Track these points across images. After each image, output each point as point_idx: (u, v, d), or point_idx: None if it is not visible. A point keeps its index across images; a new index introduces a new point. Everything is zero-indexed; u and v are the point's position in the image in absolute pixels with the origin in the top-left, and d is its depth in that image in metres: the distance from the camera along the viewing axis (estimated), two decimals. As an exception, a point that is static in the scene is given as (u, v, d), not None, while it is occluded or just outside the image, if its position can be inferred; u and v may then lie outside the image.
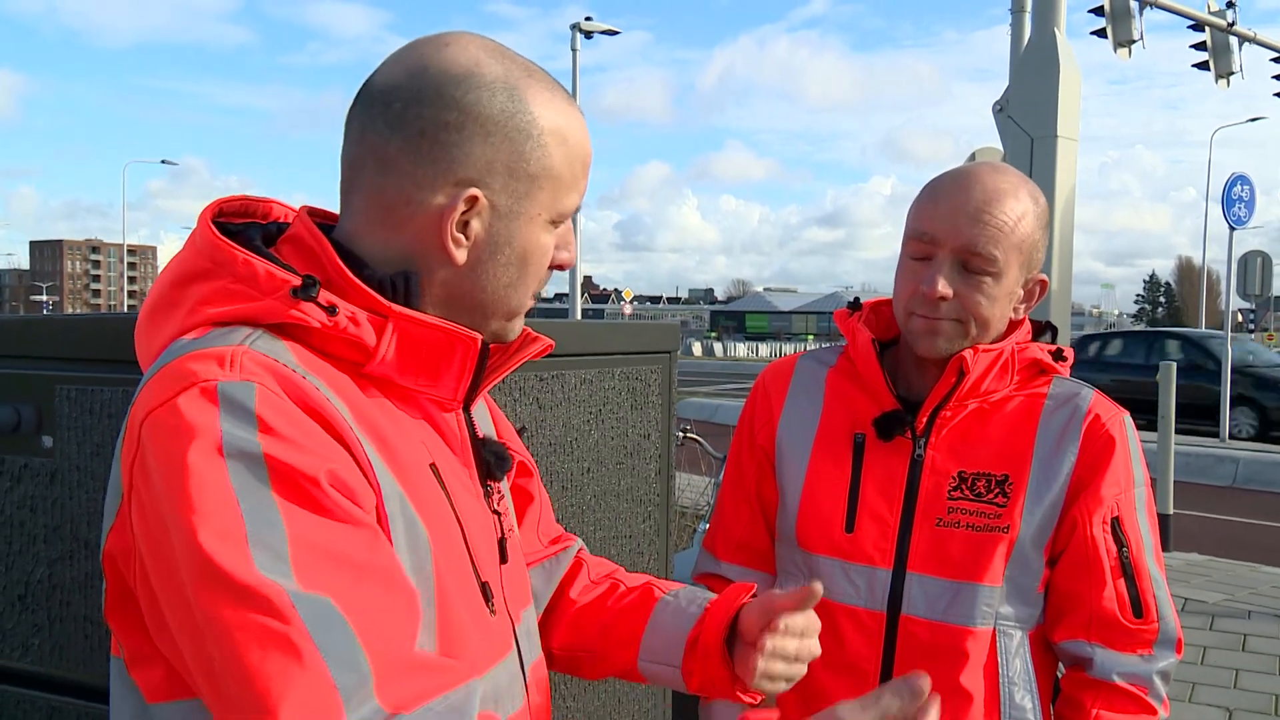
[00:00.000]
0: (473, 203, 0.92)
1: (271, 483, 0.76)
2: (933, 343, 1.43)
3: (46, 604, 1.44)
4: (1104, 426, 1.44)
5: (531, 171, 0.94)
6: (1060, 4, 8.21)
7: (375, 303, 0.89)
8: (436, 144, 0.90)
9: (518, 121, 0.92)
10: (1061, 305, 7.92)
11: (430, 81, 0.91)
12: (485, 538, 0.99)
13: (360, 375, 0.90)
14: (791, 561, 1.55)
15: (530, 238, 0.96)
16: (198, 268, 0.89)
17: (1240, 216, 14.03)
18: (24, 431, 1.44)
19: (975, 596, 1.41)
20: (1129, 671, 1.40)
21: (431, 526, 0.88)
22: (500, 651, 0.96)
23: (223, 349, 0.81)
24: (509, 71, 0.93)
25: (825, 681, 1.47)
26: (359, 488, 0.81)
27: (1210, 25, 12.36)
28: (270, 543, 0.73)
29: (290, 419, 0.79)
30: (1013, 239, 1.40)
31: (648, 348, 2.10)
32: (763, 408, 1.62)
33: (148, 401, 0.80)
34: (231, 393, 0.78)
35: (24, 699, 1.47)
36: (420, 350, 0.91)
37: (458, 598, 0.90)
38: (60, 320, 1.48)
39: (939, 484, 1.44)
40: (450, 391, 0.94)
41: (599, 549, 1.98)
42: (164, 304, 0.91)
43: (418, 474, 0.90)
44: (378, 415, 0.89)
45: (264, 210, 1.01)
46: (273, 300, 0.86)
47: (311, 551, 0.74)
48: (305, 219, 0.94)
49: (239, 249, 0.88)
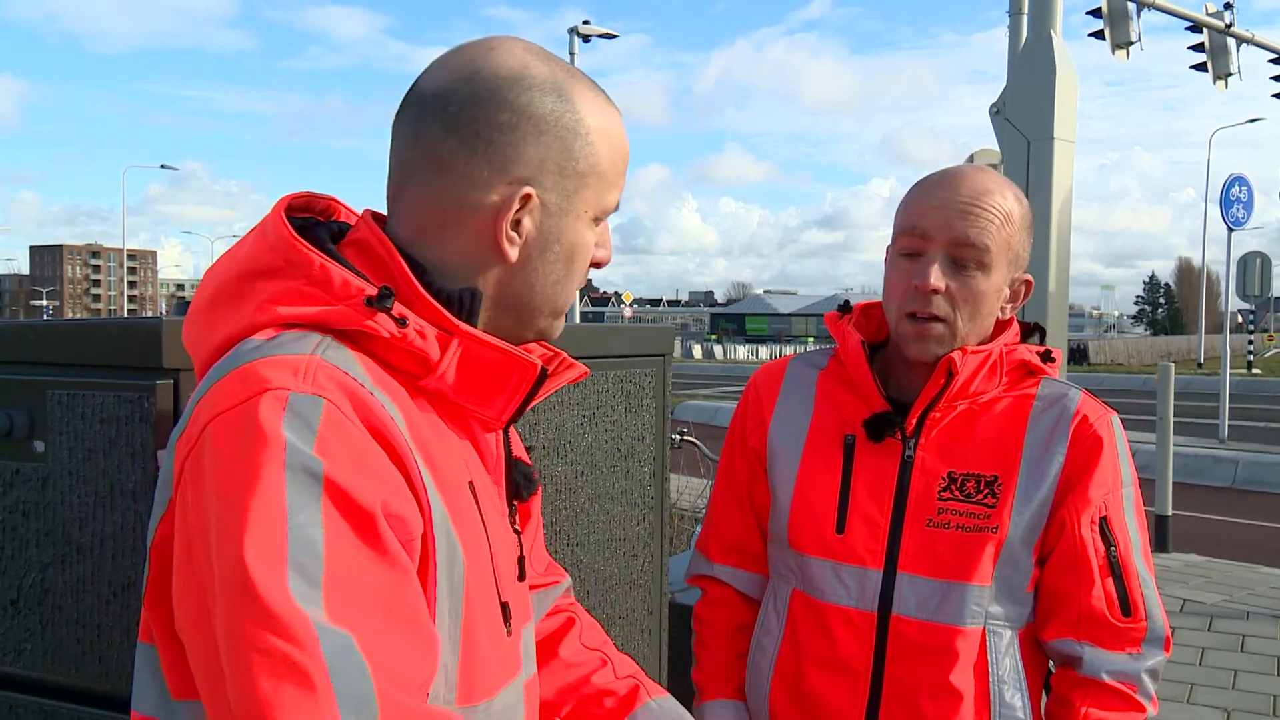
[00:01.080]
0: (526, 201, 0.94)
1: (324, 504, 0.76)
2: (923, 347, 1.44)
3: (39, 609, 1.44)
4: (1092, 427, 1.45)
5: (580, 169, 0.96)
6: (1057, 6, 8.21)
7: (444, 319, 0.90)
8: (492, 144, 0.92)
9: (567, 120, 0.95)
10: (1059, 307, 7.92)
11: (483, 84, 0.93)
12: (508, 557, 0.99)
13: (415, 389, 0.91)
14: (783, 563, 1.56)
15: (577, 235, 0.98)
16: (270, 264, 0.90)
17: (1239, 217, 14.05)
18: (16, 436, 1.44)
19: (965, 596, 1.41)
20: (1117, 670, 1.41)
21: (466, 545, 0.89)
22: (511, 672, 0.97)
23: (297, 357, 0.82)
24: (555, 72, 0.96)
25: (817, 681, 1.48)
26: (409, 515, 0.81)
27: (1208, 26, 12.36)
28: (308, 568, 0.73)
29: (351, 442, 0.79)
30: (1001, 234, 1.41)
31: (642, 350, 2.10)
32: (754, 410, 1.63)
33: (217, 402, 0.80)
34: (301, 406, 0.78)
35: (17, 704, 1.47)
36: (480, 370, 0.92)
37: (482, 618, 0.90)
38: (52, 325, 1.49)
39: (929, 485, 1.45)
40: (498, 413, 0.96)
41: (594, 552, 1.98)
42: (230, 294, 0.91)
43: (458, 492, 0.91)
44: (428, 431, 0.90)
45: (322, 206, 1.02)
46: (346, 308, 0.86)
47: (345, 583, 0.74)
48: (372, 225, 0.95)
49: (315, 252, 0.89)
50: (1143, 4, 10.77)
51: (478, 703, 0.90)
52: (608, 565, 2.02)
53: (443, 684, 0.86)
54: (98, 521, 1.40)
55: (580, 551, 1.95)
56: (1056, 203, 7.75)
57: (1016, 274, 1.48)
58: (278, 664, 0.71)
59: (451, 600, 0.86)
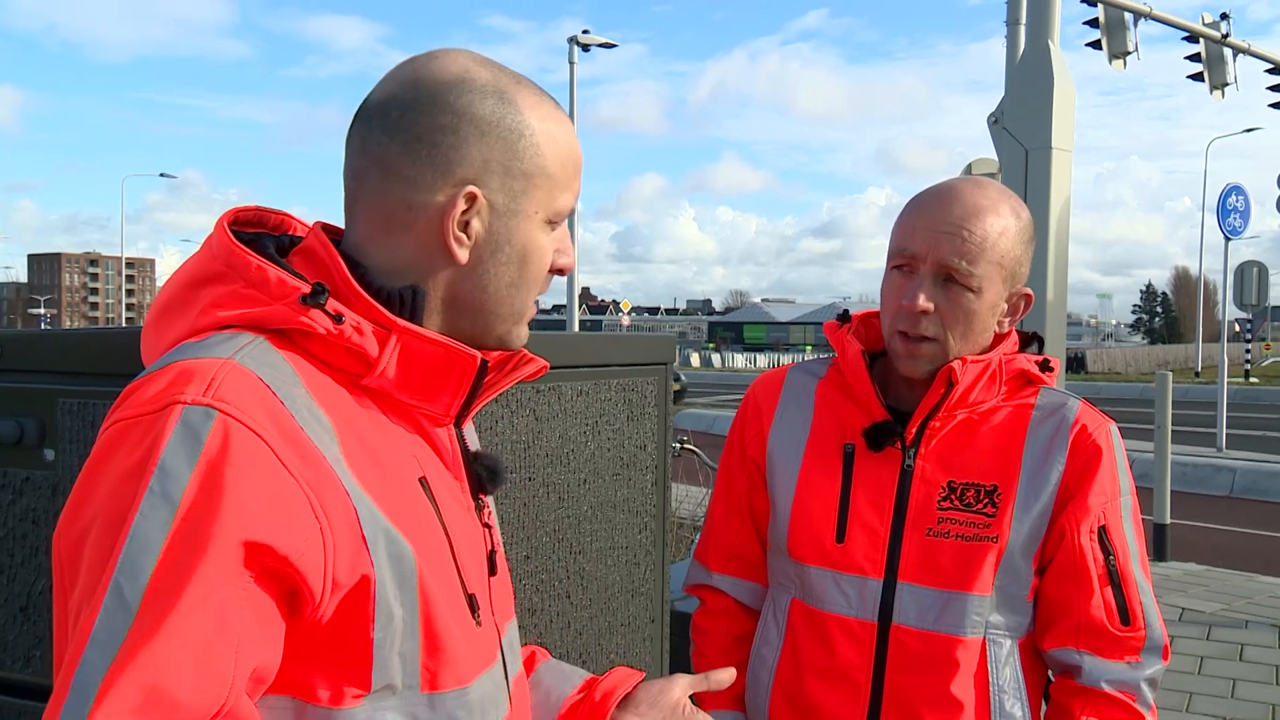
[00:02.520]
0: (472, 200, 0.95)
1: (172, 530, 0.75)
2: (913, 365, 1.45)
3: (48, 616, 1.45)
4: (1091, 436, 1.46)
5: (526, 169, 0.97)
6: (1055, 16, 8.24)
7: (380, 315, 0.92)
8: (434, 146, 0.94)
9: (509, 122, 0.96)
10: (1057, 316, 7.94)
11: (424, 89, 0.95)
12: (474, 550, 1.01)
13: (357, 387, 0.93)
14: (782, 572, 1.56)
15: (529, 236, 0.99)
16: (212, 270, 0.92)
17: (1236, 227, 14.08)
18: (26, 444, 1.46)
19: (965, 606, 1.42)
20: (1116, 678, 1.42)
21: (416, 540, 0.89)
22: (486, 661, 0.98)
23: (211, 361, 0.83)
24: (497, 77, 0.98)
25: (817, 691, 1.48)
26: (292, 532, 0.80)
27: (1205, 37, 12.41)
28: (126, 592, 0.74)
29: (238, 461, 0.78)
30: (992, 254, 1.41)
31: (644, 359, 2.11)
32: (753, 419, 1.64)
33: (120, 405, 0.83)
34: (192, 419, 0.78)
35: (25, 710, 1.48)
36: (420, 365, 0.93)
37: (445, 608, 0.92)
38: (62, 334, 1.50)
39: (929, 494, 1.46)
40: (444, 408, 0.97)
41: (596, 560, 2.00)
42: (175, 304, 0.93)
43: (404, 488, 0.92)
44: (370, 429, 0.91)
45: (275, 222, 1.04)
46: (281, 306, 0.88)
47: (161, 613, 0.74)
48: (319, 232, 0.97)
49: (252, 255, 0.91)
50: (1140, 14, 10.82)
51: (449, 689, 0.92)
52: (610, 573, 2.03)
53: (400, 671, 0.88)
54: (107, 529, 1.41)
55: (583, 559, 1.96)
56: (1054, 212, 7.77)
57: (1015, 288, 1.48)
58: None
59: (402, 592, 0.87)
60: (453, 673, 0.92)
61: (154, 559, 0.74)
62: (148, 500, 0.75)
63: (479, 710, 0.96)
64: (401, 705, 0.89)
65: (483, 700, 0.97)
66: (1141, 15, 10.83)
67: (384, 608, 0.86)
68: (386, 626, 0.86)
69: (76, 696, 0.72)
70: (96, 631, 0.73)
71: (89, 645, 0.73)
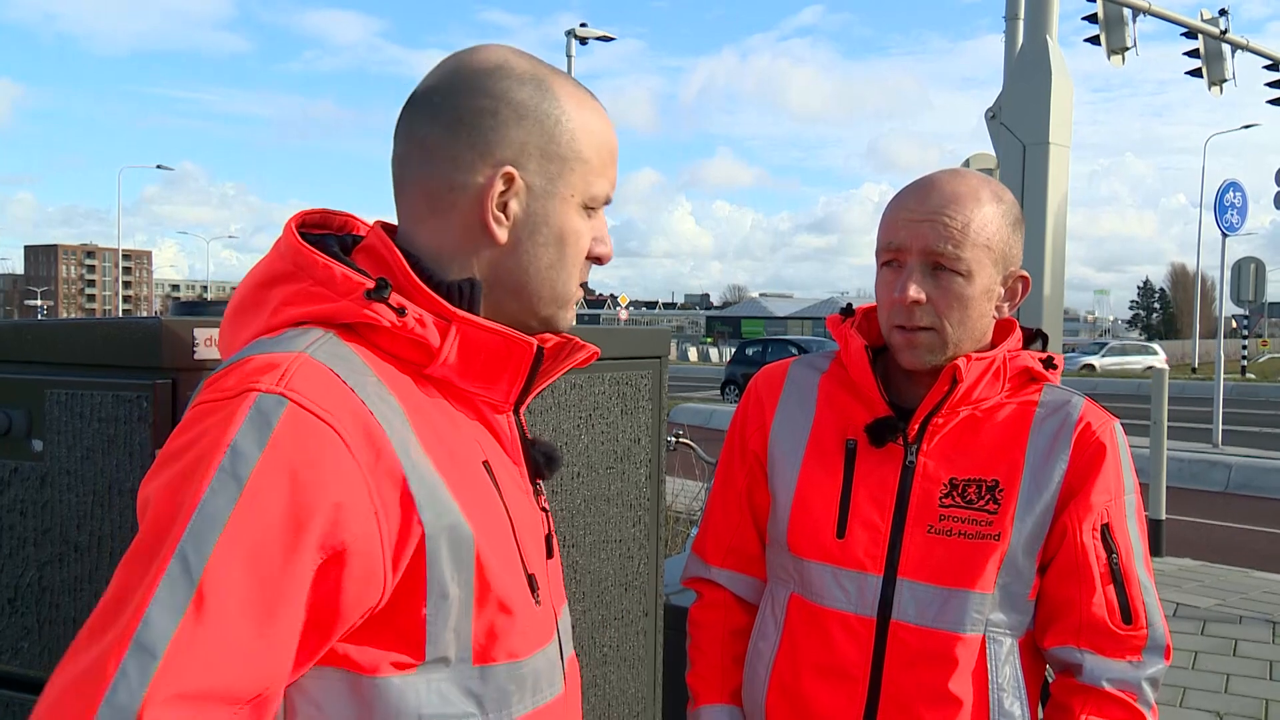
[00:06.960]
0: (510, 181, 0.99)
1: (238, 505, 0.79)
2: (913, 355, 1.44)
3: (36, 607, 1.44)
4: (1095, 434, 1.45)
5: (562, 153, 1.02)
6: (1053, 12, 8.24)
7: (440, 306, 0.96)
8: (475, 129, 0.99)
9: (546, 107, 1.01)
10: (1054, 312, 7.94)
11: (465, 76, 1.01)
12: (533, 532, 1.05)
13: (421, 376, 0.97)
14: (782, 567, 1.55)
15: (565, 218, 1.03)
16: (281, 271, 0.97)
17: (1233, 223, 14.08)
18: (14, 435, 1.44)
19: (966, 603, 1.41)
20: (1118, 677, 1.41)
21: (478, 522, 0.93)
22: (544, 638, 1.03)
23: (285, 354, 0.87)
24: (535, 67, 1.03)
25: (814, 687, 1.47)
26: (351, 526, 0.83)
27: (1203, 33, 12.40)
28: (191, 559, 0.77)
29: (306, 446, 0.83)
30: (978, 238, 1.41)
31: (638, 353, 2.10)
32: (754, 413, 1.62)
33: (203, 390, 0.88)
34: (265, 405, 0.83)
35: (14, 701, 1.47)
36: (480, 353, 0.98)
37: (506, 586, 0.95)
38: (51, 324, 1.49)
39: (930, 491, 1.45)
40: (503, 394, 1.01)
41: (589, 554, 1.99)
42: (249, 304, 0.99)
43: (470, 472, 0.96)
44: (436, 415, 0.96)
45: (339, 223, 1.09)
46: (348, 301, 0.93)
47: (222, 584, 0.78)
48: (379, 231, 1.02)
49: (319, 254, 0.95)
50: (1139, 10, 10.81)
51: (500, 661, 0.96)
52: (603, 566, 2.02)
53: (454, 645, 0.92)
54: (95, 520, 1.40)
55: (576, 553, 1.95)
56: (1052, 207, 7.78)
57: (1009, 270, 1.47)
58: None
59: (459, 572, 0.91)
60: (507, 647, 0.96)
61: (218, 533, 0.78)
62: (218, 477, 0.80)
63: (531, 684, 1.00)
64: (454, 677, 0.93)
65: (535, 675, 1.00)
66: (1140, 11, 10.82)
67: (437, 588, 0.89)
68: (440, 604, 0.90)
69: (140, 655, 0.74)
70: (160, 593, 0.76)
71: (152, 604, 0.75)
